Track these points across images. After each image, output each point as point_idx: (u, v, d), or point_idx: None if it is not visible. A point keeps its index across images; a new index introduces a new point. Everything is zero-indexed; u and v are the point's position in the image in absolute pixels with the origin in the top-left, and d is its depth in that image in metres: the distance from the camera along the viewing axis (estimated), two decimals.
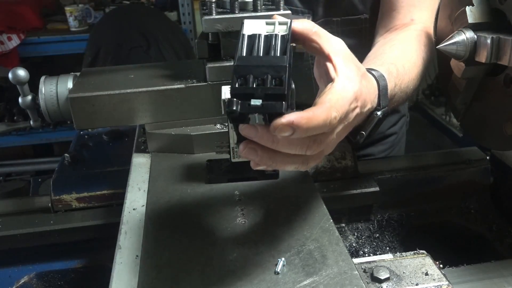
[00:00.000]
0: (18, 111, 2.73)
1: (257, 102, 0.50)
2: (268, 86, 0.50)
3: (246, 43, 0.54)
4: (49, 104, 1.37)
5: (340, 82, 0.56)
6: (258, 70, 0.51)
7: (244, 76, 0.51)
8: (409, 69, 0.84)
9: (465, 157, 1.06)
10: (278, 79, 0.50)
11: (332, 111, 0.52)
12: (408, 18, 0.97)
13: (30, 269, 0.95)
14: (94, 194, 0.97)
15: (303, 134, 0.51)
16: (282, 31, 0.56)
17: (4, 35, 2.72)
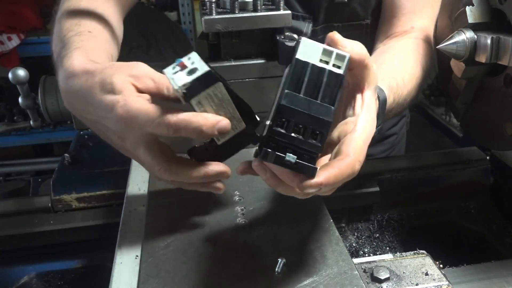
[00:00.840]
0: (18, 111, 2.72)
1: (292, 159, 0.50)
2: (307, 140, 0.50)
3: (296, 72, 0.50)
4: (49, 104, 1.37)
5: (364, 125, 0.56)
6: (301, 118, 0.49)
7: (286, 119, 0.49)
8: (408, 81, 0.84)
9: (465, 157, 1.06)
10: (319, 133, 0.50)
11: (356, 164, 0.53)
12: (408, 25, 0.97)
13: (30, 269, 0.95)
14: (94, 194, 0.97)
15: (328, 189, 0.53)
16: (337, 65, 0.51)
17: (4, 35, 2.71)
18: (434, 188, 1.04)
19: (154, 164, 0.58)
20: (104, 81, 0.58)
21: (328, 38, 0.54)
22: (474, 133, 0.90)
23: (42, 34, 2.90)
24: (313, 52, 0.51)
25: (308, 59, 0.50)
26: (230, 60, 0.84)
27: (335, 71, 0.50)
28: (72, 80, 0.63)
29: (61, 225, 0.95)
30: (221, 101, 0.56)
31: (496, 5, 0.75)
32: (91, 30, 0.75)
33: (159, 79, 0.58)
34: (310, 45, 0.51)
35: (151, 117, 0.54)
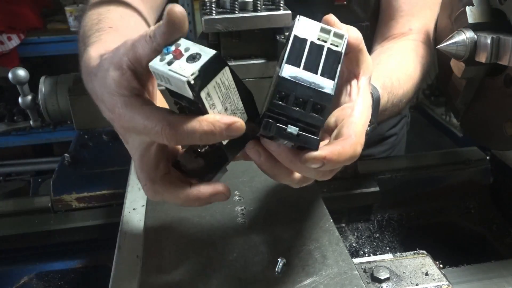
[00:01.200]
0: (18, 111, 2.73)
1: (293, 130, 0.48)
2: (308, 112, 0.48)
3: (295, 48, 0.49)
4: (49, 104, 1.37)
5: (361, 111, 0.55)
6: (302, 90, 0.47)
7: (286, 92, 0.47)
8: (404, 82, 0.83)
9: (465, 157, 1.06)
10: (319, 107, 0.48)
11: (358, 146, 0.52)
12: (406, 27, 0.96)
13: (30, 269, 0.95)
14: (94, 194, 0.97)
15: (329, 168, 0.51)
16: (335, 44, 0.50)
17: (4, 35, 2.72)
18: (434, 188, 1.04)
19: (141, 178, 0.54)
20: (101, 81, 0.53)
21: (324, 20, 0.53)
22: (474, 133, 0.90)
23: (42, 34, 2.90)
24: (311, 30, 0.50)
25: (306, 36, 0.49)
26: (230, 60, 0.84)
27: (334, 48, 0.50)
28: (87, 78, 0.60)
29: (61, 225, 0.95)
30: (227, 89, 0.49)
31: (496, 5, 0.75)
32: (112, 25, 0.72)
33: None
34: (308, 23, 0.50)
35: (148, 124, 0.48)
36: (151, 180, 0.54)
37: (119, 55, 0.50)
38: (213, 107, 0.49)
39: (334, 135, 0.53)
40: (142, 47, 0.48)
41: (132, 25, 0.77)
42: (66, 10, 2.93)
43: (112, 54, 0.52)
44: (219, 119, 0.47)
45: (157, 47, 0.47)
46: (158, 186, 0.54)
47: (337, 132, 0.53)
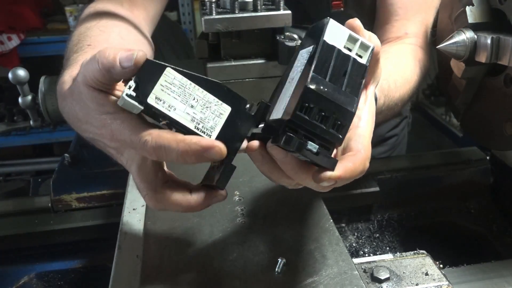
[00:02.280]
0: (18, 111, 2.72)
1: (313, 148, 0.46)
2: (329, 128, 0.46)
3: (323, 55, 0.47)
4: (49, 104, 1.37)
5: (367, 120, 0.54)
6: (326, 104, 0.46)
7: (310, 104, 0.46)
8: (401, 85, 0.83)
9: (465, 157, 1.06)
10: (340, 124, 0.47)
11: (367, 161, 0.51)
12: (402, 31, 0.96)
13: (30, 269, 0.94)
14: (94, 194, 0.97)
15: (339, 185, 0.50)
16: (360, 55, 0.49)
17: (4, 35, 2.72)
18: (434, 188, 1.04)
19: (142, 188, 0.54)
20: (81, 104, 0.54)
21: (349, 24, 0.52)
22: (474, 133, 0.90)
23: (42, 34, 2.90)
24: (339, 36, 0.48)
25: (334, 43, 0.48)
26: (230, 60, 0.84)
27: (359, 60, 0.49)
28: (62, 103, 0.61)
29: (61, 225, 0.95)
30: (182, 88, 0.50)
31: (496, 5, 0.75)
32: (90, 43, 0.73)
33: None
34: (337, 28, 0.49)
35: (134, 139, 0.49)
36: (152, 189, 0.54)
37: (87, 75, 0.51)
38: (172, 109, 0.49)
39: (342, 147, 0.53)
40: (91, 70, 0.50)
41: (112, 38, 0.77)
42: (66, 10, 2.93)
43: (81, 75, 0.52)
44: (196, 141, 0.48)
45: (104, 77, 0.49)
46: (159, 195, 0.54)
47: (345, 145, 0.52)
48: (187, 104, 0.50)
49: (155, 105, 0.48)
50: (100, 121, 0.52)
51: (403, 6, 0.97)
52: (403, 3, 0.97)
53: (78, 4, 3.02)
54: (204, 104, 0.51)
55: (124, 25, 0.84)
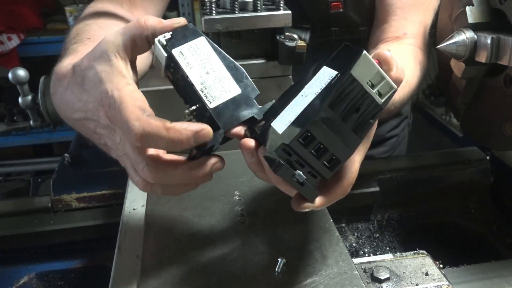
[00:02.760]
0: (18, 111, 2.72)
1: (300, 178, 0.47)
2: (322, 161, 0.47)
3: (342, 87, 0.47)
4: (49, 104, 1.37)
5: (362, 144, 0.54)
6: (328, 140, 0.47)
7: (313, 136, 0.47)
8: (402, 87, 0.81)
9: (465, 157, 1.06)
10: (335, 159, 0.48)
11: (349, 187, 0.53)
12: (400, 31, 0.96)
13: (30, 269, 0.94)
14: (94, 194, 0.97)
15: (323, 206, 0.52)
16: (382, 93, 0.49)
17: (4, 35, 2.71)
18: (434, 188, 1.04)
19: (139, 161, 0.52)
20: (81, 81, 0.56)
21: (377, 55, 0.51)
22: (474, 133, 0.90)
23: (42, 34, 2.90)
24: (367, 70, 0.48)
25: (359, 77, 0.47)
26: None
27: (377, 100, 0.48)
28: (57, 86, 0.62)
29: (61, 225, 0.95)
30: (206, 56, 0.55)
31: (496, 5, 0.75)
32: (90, 36, 0.74)
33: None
34: (367, 63, 0.48)
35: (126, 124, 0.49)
36: (153, 159, 0.52)
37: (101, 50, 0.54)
38: (189, 66, 0.54)
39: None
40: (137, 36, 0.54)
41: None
42: (66, 10, 2.93)
43: (91, 53, 0.55)
44: (186, 127, 0.49)
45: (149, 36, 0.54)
46: (160, 164, 0.53)
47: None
48: (203, 70, 0.54)
49: (176, 57, 0.54)
50: (100, 94, 0.53)
51: (402, 6, 0.97)
52: (402, 3, 0.97)
53: (78, 4, 3.02)
54: (218, 77, 0.54)
55: (122, 24, 0.84)
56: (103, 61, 0.54)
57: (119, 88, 0.52)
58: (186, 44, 0.54)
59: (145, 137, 0.48)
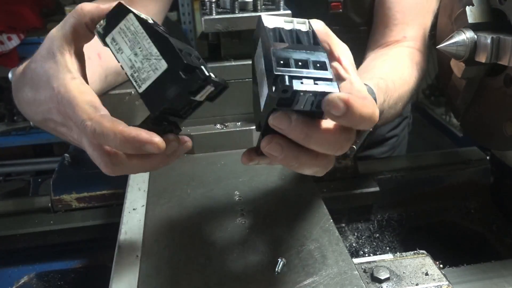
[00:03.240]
0: (18, 111, 2.73)
1: (310, 81, 0.45)
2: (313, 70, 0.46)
3: (271, 35, 0.49)
4: None
5: (358, 81, 0.53)
6: (298, 54, 0.46)
7: (284, 59, 0.45)
8: (400, 85, 0.82)
9: (465, 157, 1.06)
10: (320, 65, 0.46)
11: (376, 108, 0.48)
12: (400, 35, 0.96)
13: (30, 269, 0.95)
14: (94, 194, 0.97)
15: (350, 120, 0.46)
16: (303, 28, 0.52)
17: (4, 35, 2.71)
18: (434, 188, 1.04)
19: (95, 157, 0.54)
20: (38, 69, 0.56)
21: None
22: (474, 133, 0.90)
23: (42, 34, 2.90)
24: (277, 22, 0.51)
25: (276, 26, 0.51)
26: (230, 60, 0.84)
27: (303, 29, 0.52)
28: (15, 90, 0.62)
29: (61, 225, 0.95)
30: (134, 35, 0.51)
31: (496, 5, 0.75)
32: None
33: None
34: (272, 18, 0.52)
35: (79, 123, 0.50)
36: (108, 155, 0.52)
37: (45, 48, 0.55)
38: (120, 52, 0.52)
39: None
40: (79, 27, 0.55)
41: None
42: (66, 10, 2.93)
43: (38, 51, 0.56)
44: (135, 135, 0.48)
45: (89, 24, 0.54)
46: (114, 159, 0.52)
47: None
48: (132, 51, 0.52)
49: (109, 45, 0.53)
50: (50, 92, 0.53)
51: (401, 10, 0.97)
52: (401, 8, 0.97)
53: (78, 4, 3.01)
54: (145, 55, 0.51)
55: None
56: (48, 58, 0.54)
57: (65, 84, 0.52)
58: (117, 27, 0.52)
59: (99, 137, 0.49)
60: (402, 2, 0.97)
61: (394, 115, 0.86)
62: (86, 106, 0.50)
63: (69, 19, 0.55)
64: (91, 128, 0.49)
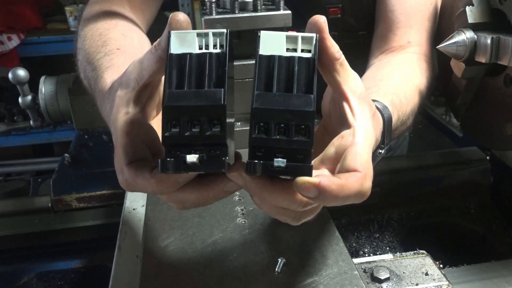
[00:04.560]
0: (18, 111, 2.73)
1: (281, 163, 0.43)
2: (293, 138, 0.43)
3: (263, 69, 0.45)
4: (49, 104, 1.37)
5: (364, 136, 0.48)
6: (280, 116, 0.43)
7: (264, 122, 0.43)
8: (411, 98, 0.79)
9: (465, 157, 1.06)
10: (303, 127, 0.43)
11: (366, 180, 0.46)
12: (405, 40, 0.91)
13: (30, 269, 0.95)
14: (94, 194, 0.97)
15: (328, 202, 0.45)
16: (306, 50, 0.46)
17: (4, 35, 2.72)
18: (434, 188, 1.04)
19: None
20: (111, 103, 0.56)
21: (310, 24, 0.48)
22: (474, 133, 0.90)
23: (42, 34, 2.90)
24: (277, 42, 0.46)
25: (272, 52, 0.45)
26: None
27: (305, 56, 0.45)
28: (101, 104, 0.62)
29: (61, 225, 0.95)
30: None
31: (496, 5, 0.75)
32: (119, 46, 0.73)
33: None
34: (272, 36, 0.46)
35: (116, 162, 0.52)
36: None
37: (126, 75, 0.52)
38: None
39: (337, 170, 0.48)
40: (147, 60, 0.49)
41: (135, 43, 0.78)
42: (66, 10, 2.93)
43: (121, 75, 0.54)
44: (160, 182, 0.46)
45: (162, 54, 0.47)
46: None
47: (340, 167, 0.47)
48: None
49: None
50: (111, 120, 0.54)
51: (404, 12, 0.91)
52: (404, 9, 0.91)
53: (78, 4, 3.01)
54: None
55: (137, 30, 0.84)
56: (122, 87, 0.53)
57: (117, 119, 0.52)
58: None
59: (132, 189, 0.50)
60: (405, 4, 0.92)
61: (405, 130, 0.82)
62: (121, 151, 0.50)
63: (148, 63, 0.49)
64: (122, 179, 0.50)
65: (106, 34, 0.77)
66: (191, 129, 0.43)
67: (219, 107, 0.43)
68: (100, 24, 0.81)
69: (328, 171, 0.49)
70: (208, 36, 0.46)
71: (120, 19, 0.83)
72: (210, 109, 0.43)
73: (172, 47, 0.45)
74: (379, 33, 0.96)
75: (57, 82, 1.39)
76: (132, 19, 0.87)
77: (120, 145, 0.51)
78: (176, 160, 0.43)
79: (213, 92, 0.43)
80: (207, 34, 0.46)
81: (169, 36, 0.46)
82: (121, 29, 0.80)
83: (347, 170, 0.46)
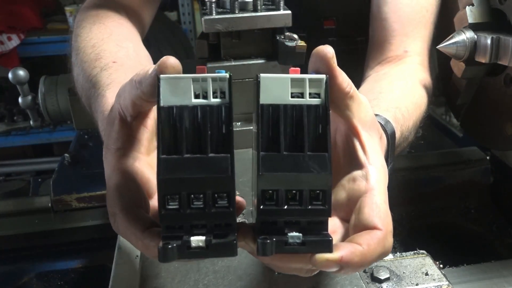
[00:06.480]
0: (18, 111, 2.73)
1: (297, 238, 0.37)
2: (307, 206, 0.37)
3: (266, 121, 0.38)
4: (49, 104, 1.37)
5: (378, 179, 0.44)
6: (291, 181, 0.37)
7: (272, 190, 0.37)
8: (413, 111, 0.75)
9: (465, 157, 1.06)
10: (319, 193, 0.38)
11: (389, 237, 0.41)
12: (401, 49, 0.86)
13: (30, 269, 0.95)
14: (94, 194, 0.97)
15: (351, 272, 0.41)
16: (314, 94, 0.39)
17: (4, 35, 2.71)
18: (434, 188, 1.04)
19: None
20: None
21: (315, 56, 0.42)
22: (474, 133, 0.90)
23: (42, 34, 2.90)
24: (280, 87, 0.38)
25: (275, 100, 0.38)
26: (230, 60, 0.84)
27: (314, 103, 0.38)
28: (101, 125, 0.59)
29: (61, 225, 0.95)
30: None
31: (496, 5, 0.75)
32: (115, 59, 0.70)
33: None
34: (274, 81, 0.38)
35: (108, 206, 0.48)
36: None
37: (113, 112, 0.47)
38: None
39: (353, 223, 0.43)
40: (128, 92, 0.43)
41: (131, 53, 0.76)
42: (66, 10, 2.93)
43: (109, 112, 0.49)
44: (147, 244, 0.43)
45: (142, 96, 0.42)
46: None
47: (356, 220, 0.42)
48: None
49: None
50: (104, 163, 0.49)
51: (399, 20, 0.86)
52: (399, 17, 0.86)
53: (78, 4, 3.01)
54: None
55: (133, 37, 0.83)
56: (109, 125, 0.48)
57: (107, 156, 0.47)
58: None
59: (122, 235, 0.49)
60: (398, 11, 0.86)
61: (406, 147, 0.78)
62: (115, 194, 0.46)
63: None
64: (114, 227, 0.48)
65: (100, 45, 0.75)
66: (193, 203, 0.37)
67: (226, 179, 0.36)
68: (93, 34, 0.79)
69: (339, 221, 0.45)
70: (207, 82, 0.38)
71: (115, 27, 0.81)
72: (215, 181, 0.36)
73: (163, 97, 0.37)
74: (374, 42, 0.91)
75: (57, 82, 1.39)
76: (128, 24, 0.86)
77: (114, 185, 0.45)
78: (178, 245, 0.37)
79: (217, 159, 0.37)
80: (205, 79, 0.38)
81: (158, 82, 0.38)
82: (115, 39, 0.78)
83: (365, 226, 0.41)
